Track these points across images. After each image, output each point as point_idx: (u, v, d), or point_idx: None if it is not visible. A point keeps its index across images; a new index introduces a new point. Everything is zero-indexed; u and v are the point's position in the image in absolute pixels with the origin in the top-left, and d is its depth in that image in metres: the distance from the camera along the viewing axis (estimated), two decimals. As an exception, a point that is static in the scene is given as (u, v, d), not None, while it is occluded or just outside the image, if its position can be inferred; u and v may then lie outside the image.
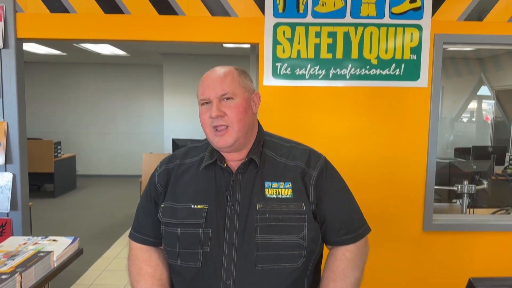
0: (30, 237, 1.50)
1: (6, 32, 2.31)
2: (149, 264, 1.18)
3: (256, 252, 1.06)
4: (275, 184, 1.12)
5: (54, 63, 8.42)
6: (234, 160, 1.17)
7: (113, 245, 4.38)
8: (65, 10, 2.34)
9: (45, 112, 8.50)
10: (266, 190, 1.11)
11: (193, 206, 1.11)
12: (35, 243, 1.44)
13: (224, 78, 1.11)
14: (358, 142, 2.45)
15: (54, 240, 1.46)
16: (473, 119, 6.69)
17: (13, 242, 1.44)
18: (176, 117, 7.13)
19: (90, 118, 8.64)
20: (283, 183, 1.12)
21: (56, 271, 1.43)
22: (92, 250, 4.12)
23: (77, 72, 8.54)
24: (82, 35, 2.36)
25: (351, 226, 1.17)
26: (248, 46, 5.48)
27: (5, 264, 1.29)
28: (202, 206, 1.11)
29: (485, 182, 2.84)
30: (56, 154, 6.65)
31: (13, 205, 2.34)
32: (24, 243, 1.43)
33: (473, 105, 6.49)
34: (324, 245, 1.22)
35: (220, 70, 1.14)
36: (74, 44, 6.06)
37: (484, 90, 6.12)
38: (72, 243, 1.45)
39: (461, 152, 5.23)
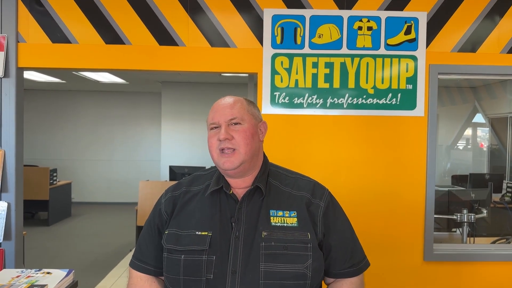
0: (23, 270, 1.46)
1: (7, 61, 2.34)
2: None
3: (261, 281, 1.05)
4: (280, 213, 1.12)
5: (52, 90, 8.49)
6: (239, 187, 1.18)
7: (107, 275, 4.26)
8: (67, 41, 2.38)
9: (42, 138, 8.49)
10: (272, 218, 1.11)
11: (197, 232, 1.11)
12: (29, 276, 1.40)
13: (233, 105, 1.16)
14: (356, 170, 2.45)
15: (48, 273, 1.42)
16: (469, 147, 6.74)
17: (6, 275, 1.40)
18: (174, 144, 7.14)
19: (86, 145, 8.63)
20: (288, 212, 1.13)
21: (49, 305, 1.38)
22: (86, 280, 4.01)
23: (74, 99, 8.60)
24: (83, 64, 2.40)
25: (355, 258, 1.18)
26: (246, 75, 5.58)
27: (-3, 299, 1.25)
28: (206, 233, 1.10)
29: (484, 211, 2.83)
30: (51, 181, 6.59)
31: (7, 235, 2.29)
32: (17, 276, 1.39)
33: (468, 132, 6.56)
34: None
35: (229, 98, 1.20)
36: (74, 72, 6.13)
37: (478, 118, 6.20)
38: (66, 275, 1.42)
39: (458, 179, 5.24)
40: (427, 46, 2.43)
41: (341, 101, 2.43)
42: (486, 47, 2.44)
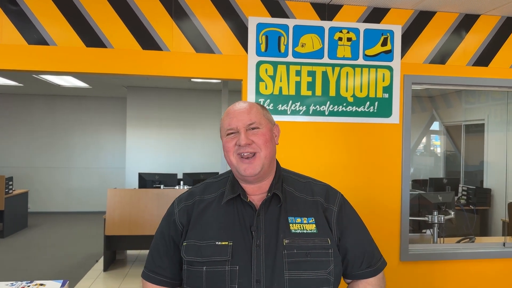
0: (13, 283, 1.37)
1: (-23, 62, 2.20)
2: None
3: None
4: (298, 219, 1.13)
5: (7, 94, 8.01)
6: (255, 194, 1.16)
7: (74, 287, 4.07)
8: (44, 43, 2.28)
9: (-6, 145, 7.97)
10: (291, 225, 1.11)
11: (217, 242, 1.09)
12: (21, 289, 1.32)
13: (250, 109, 1.15)
14: (336, 175, 2.53)
15: (42, 285, 1.35)
16: (424, 152, 7.13)
17: (-6, 289, 1.32)
18: (140, 151, 6.93)
19: (44, 152, 8.19)
20: (306, 218, 1.13)
21: (40, 319, 1.31)
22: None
23: (32, 104, 8.15)
24: (62, 68, 2.31)
25: (372, 259, 1.20)
26: (217, 81, 5.56)
27: (-14, 314, 1.17)
28: (227, 243, 1.09)
29: (452, 212, 3.01)
30: (7, 190, 6.19)
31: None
32: (7, 290, 1.31)
33: (426, 139, 6.93)
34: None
35: (244, 103, 1.18)
36: (34, 75, 5.83)
37: (436, 126, 6.58)
38: (62, 286, 1.35)
39: (421, 183, 5.52)
40: (401, 57, 2.57)
41: (322, 108, 2.51)
42: (454, 59, 2.62)
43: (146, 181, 4.90)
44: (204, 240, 1.10)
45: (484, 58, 2.64)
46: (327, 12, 2.50)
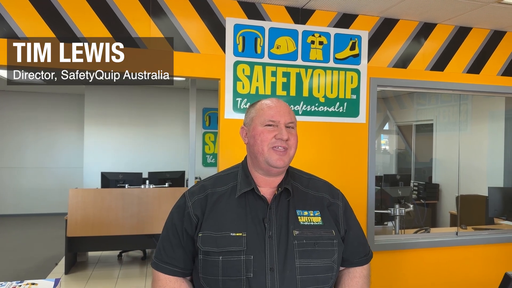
0: (3, 283, 1.34)
1: None
2: None
3: (298, 276, 1.15)
4: (306, 212, 1.23)
5: None
6: (267, 187, 1.25)
7: (33, 293, 3.88)
8: (14, 36, 2.20)
9: None
10: (299, 217, 1.21)
11: (231, 234, 1.16)
12: (13, 289, 1.30)
13: (290, 110, 1.26)
14: (308, 171, 2.65)
15: (34, 284, 1.33)
16: (378, 151, 7.55)
17: (-18, 290, 1.28)
18: (100, 150, 6.70)
19: (-10, 151, 7.67)
20: (312, 212, 1.24)
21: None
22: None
23: (-24, 100, 7.61)
24: (33, 63, 2.23)
25: (366, 249, 1.34)
26: (181, 79, 5.52)
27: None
28: (241, 234, 1.16)
29: (411, 205, 3.26)
30: (-50, 192, 5.75)
31: None
32: (-2, 290, 1.28)
33: (380, 139, 7.34)
34: None
35: (282, 101, 1.27)
36: (-17, 69, 5.46)
37: (389, 126, 7.00)
38: (55, 285, 1.34)
39: (376, 179, 5.85)
40: (368, 61, 2.75)
41: (297, 108, 2.62)
42: (414, 64, 2.84)
43: (109, 180, 4.77)
44: (219, 231, 1.17)
45: (440, 63, 2.88)
46: (300, 16, 2.62)
